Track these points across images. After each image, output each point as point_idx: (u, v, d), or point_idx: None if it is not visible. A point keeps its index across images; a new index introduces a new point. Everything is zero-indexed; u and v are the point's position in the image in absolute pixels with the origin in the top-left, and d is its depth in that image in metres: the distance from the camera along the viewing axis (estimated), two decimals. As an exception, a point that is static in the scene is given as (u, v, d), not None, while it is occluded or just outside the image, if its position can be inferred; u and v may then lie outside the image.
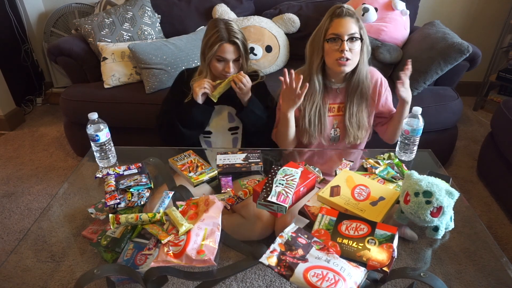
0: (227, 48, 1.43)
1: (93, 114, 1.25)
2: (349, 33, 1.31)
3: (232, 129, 1.63)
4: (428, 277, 0.84)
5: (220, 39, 1.41)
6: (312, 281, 0.80)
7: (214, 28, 1.43)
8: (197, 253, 0.88)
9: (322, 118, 1.47)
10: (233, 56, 1.45)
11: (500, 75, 2.70)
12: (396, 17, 2.15)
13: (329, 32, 1.34)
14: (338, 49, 1.32)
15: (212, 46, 1.42)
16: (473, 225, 1.07)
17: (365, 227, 0.93)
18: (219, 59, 1.45)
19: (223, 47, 1.42)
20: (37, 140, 2.66)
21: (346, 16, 1.32)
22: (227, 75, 1.47)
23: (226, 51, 1.43)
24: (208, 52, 1.44)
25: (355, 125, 1.46)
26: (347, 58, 1.32)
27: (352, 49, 1.33)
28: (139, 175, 1.20)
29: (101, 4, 2.56)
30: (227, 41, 1.42)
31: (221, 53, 1.43)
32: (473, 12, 2.82)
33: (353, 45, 1.33)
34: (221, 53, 1.43)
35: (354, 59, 1.35)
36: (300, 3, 2.44)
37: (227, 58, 1.44)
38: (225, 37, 1.41)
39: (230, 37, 1.42)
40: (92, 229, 1.07)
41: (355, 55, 1.34)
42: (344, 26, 1.31)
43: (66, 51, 2.17)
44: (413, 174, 0.99)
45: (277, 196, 1.01)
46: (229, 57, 1.44)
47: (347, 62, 1.33)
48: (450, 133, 2.06)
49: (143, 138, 2.15)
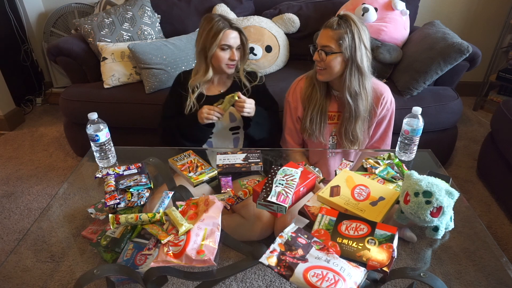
0: (231, 34, 1.47)
1: (92, 114, 1.25)
2: (322, 44, 1.36)
3: (233, 129, 1.63)
4: (428, 277, 0.84)
5: (222, 27, 1.45)
6: (312, 281, 0.80)
7: (212, 21, 1.47)
8: (197, 253, 0.88)
9: (323, 117, 1.49)
10: (237, 42, 1.49)
11: (500, 75, 2.70)
12: (396, 17, 2.14)
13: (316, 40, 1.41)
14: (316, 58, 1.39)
15: (215, 35, 1.45)
16: (473, 225, 1.07)
17: (365, 227, 0.93)
18: (224, 48, 1.48)
19: (226, 33, 1.46)
20: (36, 140, 2.66)
21: (326, 27, 1.35)
22: (231, 65, 1.50)
23: (230, 37, 1.47)
24: (210, 44, 1.46)
25: (349, 138, 1.47)
26: (319, 67, 1.39)
27: (327, 61, 1.36)
28: (139, 175, 1.20)
29: (101, 4, 2.56)
30: (229, 27, 1.47)
31: (225, 41, 1.46)
32: (473, 12, 2.82)
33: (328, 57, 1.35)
34: (225, 40, 1.46)
35: (328, 70, 1.38)
36: (300, 3, 2.43)
37: (232, 45, 1.48)
38: (226, 25, 1.46)
39: (231, 24, 1.48)
40: (92, 229, 1.07)
41: (329, 67, 1.37)
42: (321, 37, 1.37)
43: (66, 51, 2.17)
44: (413, 174, 0.99)
45: (277, 196, 1.01)
46: (234, 43, 1.48)
47: (319, 71, 1.40)
48: (450, 133, 2.06)
49: (143, 138, 2.15)
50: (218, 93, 1.62)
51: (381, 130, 1.53)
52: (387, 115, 1.50)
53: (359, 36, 1.33)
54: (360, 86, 1.39)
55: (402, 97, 1.97)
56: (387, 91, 1.48)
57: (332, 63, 1.35)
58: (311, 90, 1.49)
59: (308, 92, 1.50)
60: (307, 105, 1.50)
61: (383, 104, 1.47)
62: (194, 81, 1.56)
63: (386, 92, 1.48)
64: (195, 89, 1.57)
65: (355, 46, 1.33)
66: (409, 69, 1.97)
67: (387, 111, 1.49)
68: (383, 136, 1.55)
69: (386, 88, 1.49)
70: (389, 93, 1.49)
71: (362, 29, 1.34)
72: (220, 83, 1.63)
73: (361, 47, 1.34)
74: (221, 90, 1.63)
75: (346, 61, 1.35)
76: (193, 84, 1.56)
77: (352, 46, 1.33)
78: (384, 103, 1.47)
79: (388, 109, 1.49)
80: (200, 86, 1.58)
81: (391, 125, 1.54)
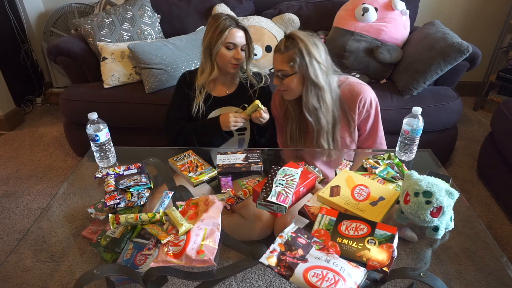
0: (236, 33, 1.47)
1: (92, 114, 1.25)
2: (277, 70, 1.37)
3: (239, 130, 1.61)
4: (428, 277, 0.84)
5: (228, 26, 1.45)
6: (312, 281, 0.80)
7: (219, 19, 1.47)
8: (197, 253, 0.88)
9: (302, 132, 1.50)
10: (242, 41, 1.49)
11: (500, 75, 2.70)
12: (396, 17, 2.14)
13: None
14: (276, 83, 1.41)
15: (221, 33, 1.45)
16: (473, 225, 1.07)
17: (365, 227, 0.93)
18: (229, 47, 1.48)
19: (232, 32, 1.46)
20: (36, 140, 2.66)
21: (276, 52, 1.37)
22: (235, 64, 1.50)
23: (235, 36, 1.47)
24: (216, 42, 1.46)
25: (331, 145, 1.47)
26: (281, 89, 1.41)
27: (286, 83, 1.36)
28: (139, 175, 1.20)
29: (101, 4, 2.56)
30: (236, 26, 1.47)
31: (231, 39, 1.46)
32: (473, 12, 2.82)
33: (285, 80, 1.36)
34: (231, 38, 1.46)
35: (289, 91, 1.39)
36: (300, 3, 2.43)
37: (237, 44, 1.48)
38: (232, 23, 1.47)
39: (237, 23, 1.48)
40: (91, 229, 1.07)
41: (290, 88, 1.38)
42: (274, 62, 1.38)
43: (66, 51, 2.17)
44: (413, 174, 0.99)
45: (277, 196, 1.01)
46: (239, 42, 1.48)
47: (284, 93, 1.42)
48: (450, 133, 2.06)
49: (143, 138, 2.16)
50: (224, 94, 1.62)
51: (368, 129, 1.49)
52: (370, 115, 1.45)
53: (308, 52, 1.31)
54: (319, 101, 1.38)
55: (402, 97, 1.97)
56: (365, 92, 1.42)
57: (291, 85, 1.36)
58: (285, 108, 1.50)
59: (283, 110, 1.52)
60: (285, 123, 1.52)
61: (360, 107, 1.42)
62: (201, 80, 1.55)
63: (364, 93, 1.41)
64: (202, 90, 1.57)
65: (306, 63, 1.32)
66: (409, 69, 1.97)
67: (368, 111, 1.44)
68: (372, 136, 1.50)
69: (365, 88, 1.43)
70: (367, 93, 1.42)
71: (311, 44, 1.32)
72: (226, 84, 1.63)
73: (312, 62, 1.32)
74: (227, 91, 1.62)
75: (303, 79, 1.35)
76: (200, 84, 1.55)
77: (303, 64, 1.32)
78: (362, 104, 1.42)
79: (368, 109, 1.44)
80: (206, 86, 1.58)
81: (378, 123, 1.49)
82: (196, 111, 1.57)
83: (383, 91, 1.98)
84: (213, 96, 1.59)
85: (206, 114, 1.59)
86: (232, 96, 1.61)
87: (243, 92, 1.60)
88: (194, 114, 1.57)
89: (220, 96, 1.61)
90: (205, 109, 1.57)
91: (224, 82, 1.62)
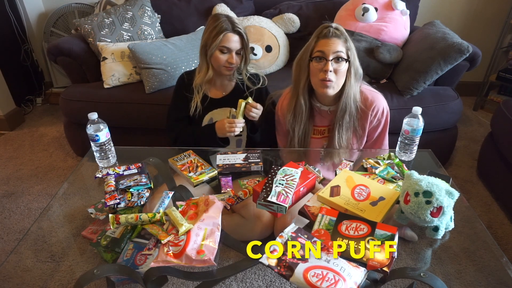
0: (231, 37, 1.45)
1: (93, 114, 1.25)
2: (334, 51, 1.29)
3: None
4: (428, 277, 0.84)
5: (224, 29, 1.43)
6: (312, 281, 0.80)
7: (217, 20, 1.45)
8: (197, 253, 0.88)
9: (307, 138, 1.48)
10: (237, 46, 1.47)
11: (500, 75, 2.70)
12: (396, 17, 2.14)
13: (315, 50, 1.33)
14: (322, 69, 1.31)
15: (216, 36, 1.44)
16: (473, 225, 1.07)
17: (365, 227, 0.93)
18: (223, 50, 1.47)
19: (227, 36, 1.44)
20: (37, 140, 2.66)
21: (333, 36, 1.31)
22: (229, 67, 1.49)
23: (230, 41, 1.45)
24: (211, 43, 1.45)
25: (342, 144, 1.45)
26: (330, 79, 1.30)
27: (338, 70, 1.31)
28: (139, 175, 1.20)
29: (101, 4, 2.56)
30: (231, 31, 1.45)
31: (225, 43, 1.45)
32: (473, 12, 2.82)
33: (338, 66, 1.31)
34: (225, 42, 1.45)
35: (338, 81, 1.33)
36: (300, 3, 2.44)
37: (231, 48, 1.46)
38: (229, 27, 1.44)
39: (234, 27, 1.45)
40: (92, 229, 1.07)
41: (340, 76, 1.32)
42: (330, 45, 1.29)
43: (66, 51, 2.17)
44: (413, 174, 0.99)
45: (277, 196, 1.01)
46: (233, 47, 1.46)
47: (329, 84, 1.31)
48: (450, 133, 2.06)
49: (143, 138, 2.16)
50: (221, 96, 1.62)
51: (375, 137, 1.49)
52: (380, 124, 1.46)
53: (351, 44, 1.34)
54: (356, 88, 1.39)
55: (402, 97, 1.97)
56: (379, 101, 1.42)
57: (343, 71, 1.32)
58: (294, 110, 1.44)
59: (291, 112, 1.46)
60: (292, 131, 1.48)
61: (372, 116, 1.43)
62: (198, 80, 1.55)
63: (377, 101, 1.41)
64: (200, 89, 1.57)
65: (353, 52, 1.33)
66: (409, 69, 1.97)
67: (379, 120, 1.44)
68: (377, 143, 1.51)
69: (378, 97, 1.43)
70: (381, 102, 1.42)
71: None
72: (222, 86, 1.62)
73: (354, 52, 1.34)
74: (224, 93, 1.62)
75: (349, 68, 1.34)
76: (198, 83, 1.55)
77: (352, 52, 1.33)
78: (375, 114, 1.42)
79: (379, 119, 1.44)
80: (203, 86, 1.58)
81: (386, 131, 1.49)
82: (193, 111, 1.57)
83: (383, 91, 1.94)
84: (210, 98, 1.59)
85: (203, 115, 1.59)
86: (229, 98, 1.61)
87: (240, 94, 1.60)
88: (192, 114, 1.58)
89: (217, 97, 1.61)
90: (202, 110, 1.57)
91: (220, 84, 1.62)
